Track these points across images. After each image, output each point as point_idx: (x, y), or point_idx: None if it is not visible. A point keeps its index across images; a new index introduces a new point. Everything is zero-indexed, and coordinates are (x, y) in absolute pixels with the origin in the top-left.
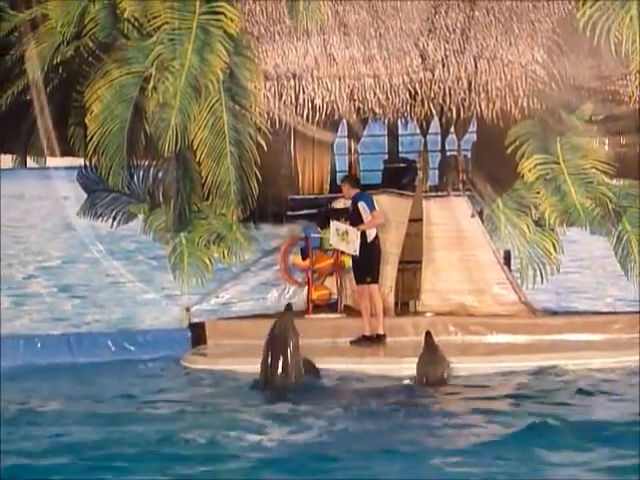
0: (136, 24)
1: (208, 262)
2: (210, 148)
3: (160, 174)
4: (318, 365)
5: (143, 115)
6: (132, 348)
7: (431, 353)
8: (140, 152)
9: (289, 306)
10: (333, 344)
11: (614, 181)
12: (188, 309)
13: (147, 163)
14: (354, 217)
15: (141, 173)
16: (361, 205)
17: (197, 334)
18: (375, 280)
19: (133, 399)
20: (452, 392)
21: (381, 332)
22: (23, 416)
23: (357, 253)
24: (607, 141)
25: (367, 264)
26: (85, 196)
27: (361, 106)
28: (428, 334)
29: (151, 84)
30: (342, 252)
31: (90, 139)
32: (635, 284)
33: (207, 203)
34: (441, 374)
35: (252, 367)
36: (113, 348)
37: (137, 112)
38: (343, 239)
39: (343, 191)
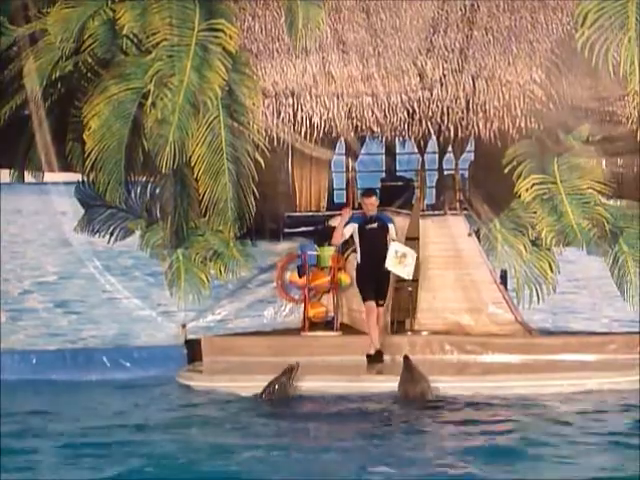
0: (135, 40)
1: (205, 279)
2: (208, 165)
3: (157, 190)
4: (316, 383)
5: (141, 131)
6: (127, 364)
7: (409, 373)
8: (138, 168)
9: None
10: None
11: (611, 202)
12: (184, 326)
13: (145, 179)
14: (377, 235)
15: (138, 189)
16: (391, 228)
17: (193, 351)
18: (385, 303)
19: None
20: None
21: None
22: None
23: (411, 277)
24: (604, 162)
25: (384, 286)
26: (82, 212)
27: (359, 124)
28: (406, 357)
29: (149, 100)
30: (339, 269)
31: (88, 155)
32: (631, 305)
33: (204, 220)
34: (420, 392)
35: (247, 384)
36: (108, 364)
37: (135, 128)
38: (400, 262)
39: (367, 203)
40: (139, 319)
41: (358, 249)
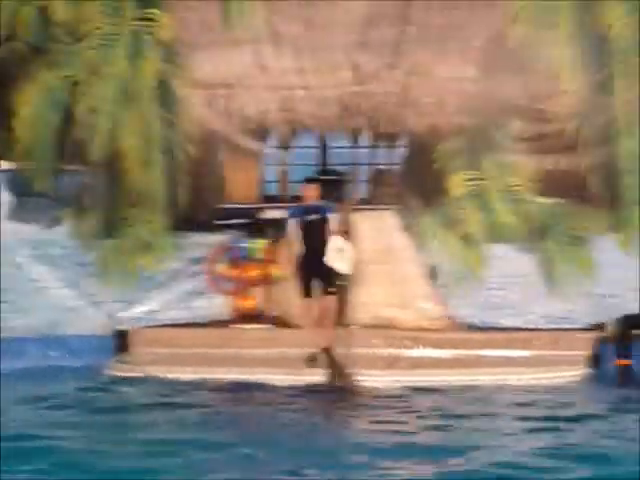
0: (68, 28)
1: (134, 269)
2: (139, 155)
3: (88, 180)
4: (248, 376)
5: (72, 120)
6: (56, 354)
7: (335, 368)
8: (68, 157)
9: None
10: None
11: (540, 199)
12: (113, 316)
13: (75, 169)
14: (317, 227)
15: (69, 178)
16: (333, 219)
17: (121, 342)
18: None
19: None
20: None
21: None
22: None
23: (350, 272)
24: (534, 159)
25: (331, 275)
26: (11, 200)
27: (292, 117)
28: (329, 349)
29: (81, 89)
30: (270, 262)
31: (18, 143)
32: (557, 301)
33: (135, 210)
34: (345, 387)
35: (176, 375)
36: (37, 354)
37: (66, 117)
38: (339, 256)
39: (307, 192)
40: (68, 309)
41: (299, 242)
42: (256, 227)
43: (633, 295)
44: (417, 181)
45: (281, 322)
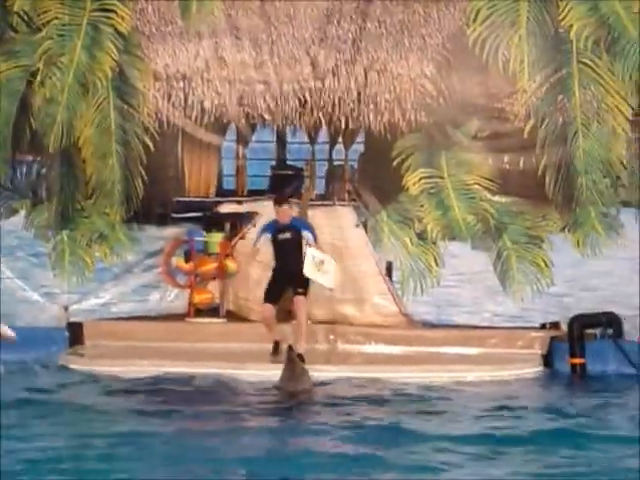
0: (25, 18)
1: (89, 261)
2: (96, 146)
3: (44, 170)
4: (203, 370)
5: (29, 110)
6: (7, 346)
7: (292, 368)
8: (24, 147)
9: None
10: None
11: (496, 198)
12: (67, 308)
13: (31, 158)
14: (290, 244)
15: (24, 168)
16: (306, 235)
17: (75, 334)
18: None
19: None
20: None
21: (301, 351)
22: None
23: (333, 286)
24: (491, 158)
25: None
26: None
27: (250, 111)
28: (290, 348)
29: (38, 79)
30: (227, 256)
31: None
32: (512, 300)
33: (91, 202)
34: (302, 388)
35: (128, 369)
36: None
37: (23, 107)
38: (319, 269)
39: (278, 212)
40: (21, 300)
41: (273, 258)
42: (213, 221)
43: (587, 294)
44: (374, 178)
45: (236, 316)
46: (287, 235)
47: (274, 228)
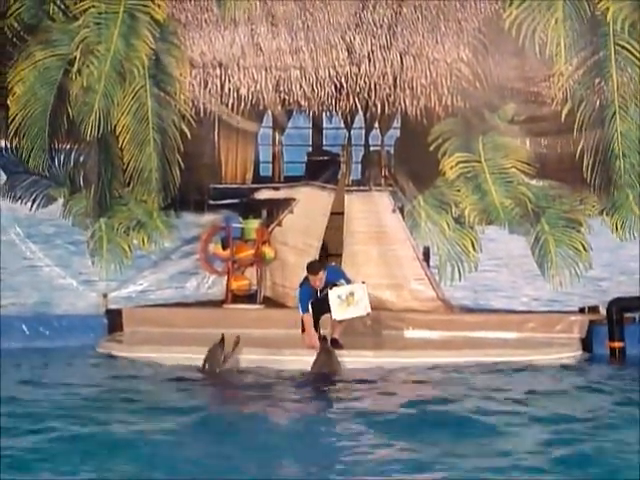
0: (62, 6)
1: (127, 249)
2: (133, 134)
3: (81, 158)
4: (240, 356)
5: (66, 98)
6: (47, 333)
7: (326, 356)
8: (62, 135)
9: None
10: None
11: (534, 181)
12: (105, 295)
13: (69, 147)
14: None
15: (62, 157)
16: (340, 283)
17: (114, 321)
18: None
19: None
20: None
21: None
22: None
23: (369, 310)
24: (528, 142)
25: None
26: (5, 178)
27: (286, 97)
28: (324, 338)
29: (75, 67)
30: (264, 243)
31: (12, 120)
32: (551, 284)
33: (128, 189)
34: (334, 375)
35: (168, 355)
36: (28, 332)
37: (60, 95)
38: (349, 304)
39: (313, 280)
40: (60, 287)
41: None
42: (250, 207)
43: (625, 278)
44: (411, 163)
45: (273, 302)
46: (324, 292)
47: (313, 292)
